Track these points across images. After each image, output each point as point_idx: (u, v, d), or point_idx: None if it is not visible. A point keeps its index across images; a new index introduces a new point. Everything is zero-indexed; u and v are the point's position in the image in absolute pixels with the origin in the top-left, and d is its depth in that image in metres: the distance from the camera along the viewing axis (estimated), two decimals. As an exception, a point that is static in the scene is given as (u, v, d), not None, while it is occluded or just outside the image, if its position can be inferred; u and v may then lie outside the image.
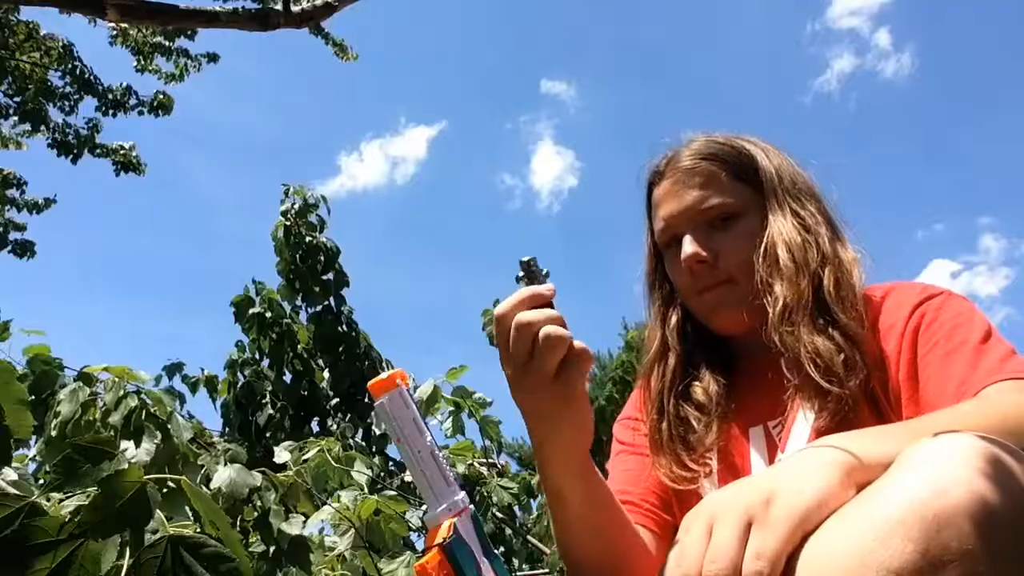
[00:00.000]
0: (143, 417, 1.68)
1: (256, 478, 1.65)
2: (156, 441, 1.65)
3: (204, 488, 1.65)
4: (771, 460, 0.89)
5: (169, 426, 1.70)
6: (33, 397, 1.79)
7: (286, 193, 4.41)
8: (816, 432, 0.85)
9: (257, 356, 4.11)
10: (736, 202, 0.96)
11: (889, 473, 0.54)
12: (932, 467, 0.51)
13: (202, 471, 1.72)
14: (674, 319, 1.03)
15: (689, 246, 0.95)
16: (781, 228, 0.93)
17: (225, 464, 1.66)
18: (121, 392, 1.71)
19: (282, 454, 2.07)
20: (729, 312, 0.95)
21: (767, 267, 0.92)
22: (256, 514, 1.64)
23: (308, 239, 4.32)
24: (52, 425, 1.71)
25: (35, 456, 1.95)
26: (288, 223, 4.33)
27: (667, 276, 1.04)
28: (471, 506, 0.73)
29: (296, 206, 4.38)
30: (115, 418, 1.67)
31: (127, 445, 1.62)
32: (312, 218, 4.39)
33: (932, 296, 0.90)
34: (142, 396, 1.74)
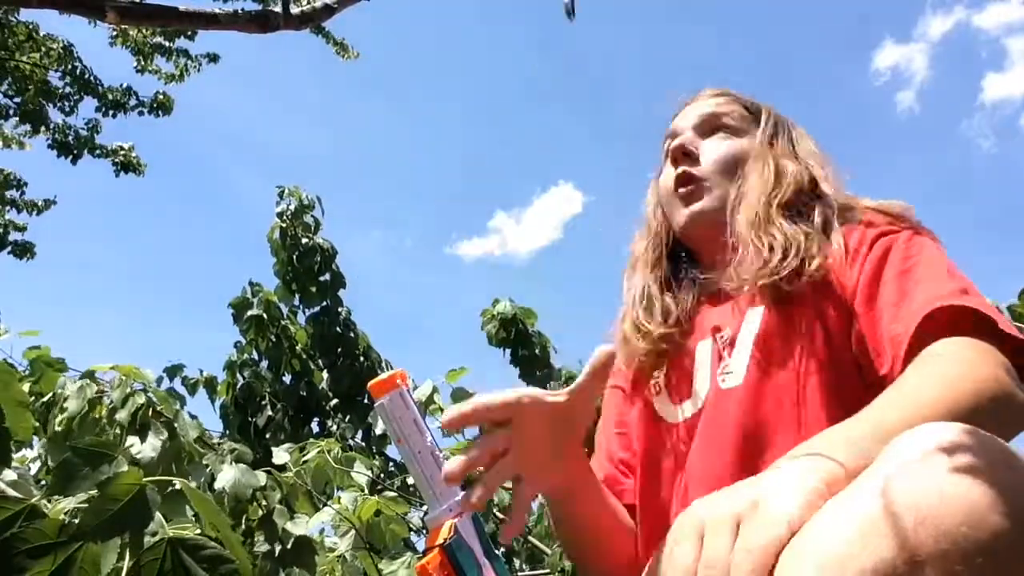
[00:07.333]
0: (149, 415, 1.68)
1: (260, 478, 1.65)
2: (162, 438, 1.65)
3: (207, 488, 1.65)
4: (715, 367, 0.92)
5: (176, 425, 1.70)
6: (35, 398, 1.79)
7: (280, 195, 4.40)
8: (764, 323, 0.89)
9: (256, 357, 4.11)
10: (739, 125, 1.04)
11: (871, 468, 0.54)
12: (913, 464, 0.51)
13: (207, 471, 1.72)
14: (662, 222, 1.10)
15: (679, 139, 1.04)
16: (774, 153, 1.00)
17: (231, 464, 1.66)
18: (128, 390, 1.71)
19: (281, 455, 2.07)
20: (700, 211, 1.00)
21: (746, 178, 0.99)
22: (261, 513, 1.64)
23: (304, 240, 4.31)
24: (57, 421, 1.71)
25: (38, 455, 1.94)
26: (284, 224, 4.33)
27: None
28: (472, 507, 0.73)
29: (292, 207, 4.38)
30: (122, 415, 1.67)
31: (133, 441, 1.63)
32: (307, 219, 4.39)
33: (897, 231, 0.91)
34: (148, 394, 1.74)
